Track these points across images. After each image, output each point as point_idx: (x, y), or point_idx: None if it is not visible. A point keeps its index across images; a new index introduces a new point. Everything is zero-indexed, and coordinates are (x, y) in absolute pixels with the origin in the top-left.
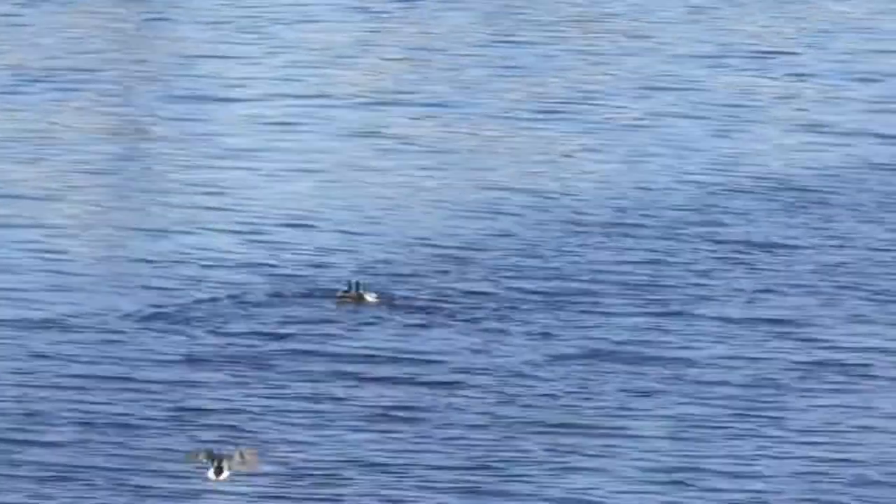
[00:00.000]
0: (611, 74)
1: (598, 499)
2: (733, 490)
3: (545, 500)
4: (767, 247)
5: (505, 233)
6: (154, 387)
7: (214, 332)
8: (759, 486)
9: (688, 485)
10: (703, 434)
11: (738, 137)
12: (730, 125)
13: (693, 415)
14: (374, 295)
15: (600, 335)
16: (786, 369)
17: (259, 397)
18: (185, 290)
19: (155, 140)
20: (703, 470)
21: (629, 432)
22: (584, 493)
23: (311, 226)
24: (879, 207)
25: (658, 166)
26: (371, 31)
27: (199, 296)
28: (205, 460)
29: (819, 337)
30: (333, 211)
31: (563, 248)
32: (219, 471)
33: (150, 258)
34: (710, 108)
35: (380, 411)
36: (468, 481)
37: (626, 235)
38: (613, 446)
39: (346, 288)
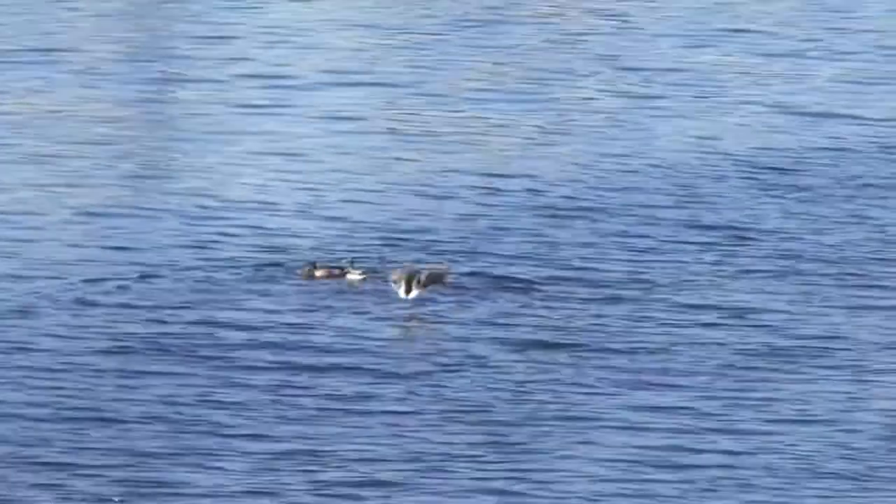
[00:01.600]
0: (577, 55)
1: (549, 489)
2: (693, 479)
3: (491, 491)
4: (735, 230)
5: (469, 215)
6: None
7: (166, 317)
8: (720, 473)
9: (646, 475)
10: (668, 422)
11: (705, 118)
12: (697, 106)
13: (658, 403)
14: (359, 272)
15: (560, 322)
16: (753, 355)
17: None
18: (147, 272)
19: (122, 122)
20: (665, 459)
21: (588, 422)
22: (539, 485)
23: (274, 207)
24: (848, 190)
25: (624, 149)
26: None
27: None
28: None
29: (782, 323)
30: (294, 193)
31: (526, 232)
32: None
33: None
34: (677, 88)
35: (333, 401)
36: (409, 472)
37: (588, 219)
38: (573, 435)
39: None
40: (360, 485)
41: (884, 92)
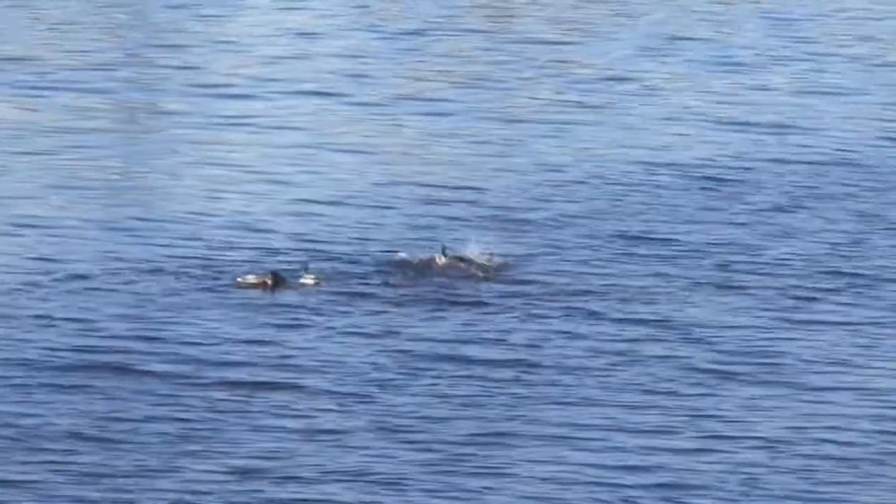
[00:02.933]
0: (525, 62)
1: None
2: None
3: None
4: (677, 243)
5: (412, 226)
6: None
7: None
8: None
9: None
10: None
11: (650, 129)
12: (642, 115)
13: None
14: (312, 277)
15: (501, 336)
16: (693, 370)
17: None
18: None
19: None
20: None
21: (529, 439)
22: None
23: (214, 218)
24: (793, 202)
25: (566, 158)
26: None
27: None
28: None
29: (723, 337)
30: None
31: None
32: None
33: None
34: (623, 97)
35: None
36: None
37: (530, 230)
38: (516, 451)
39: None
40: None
41: (831, 103)
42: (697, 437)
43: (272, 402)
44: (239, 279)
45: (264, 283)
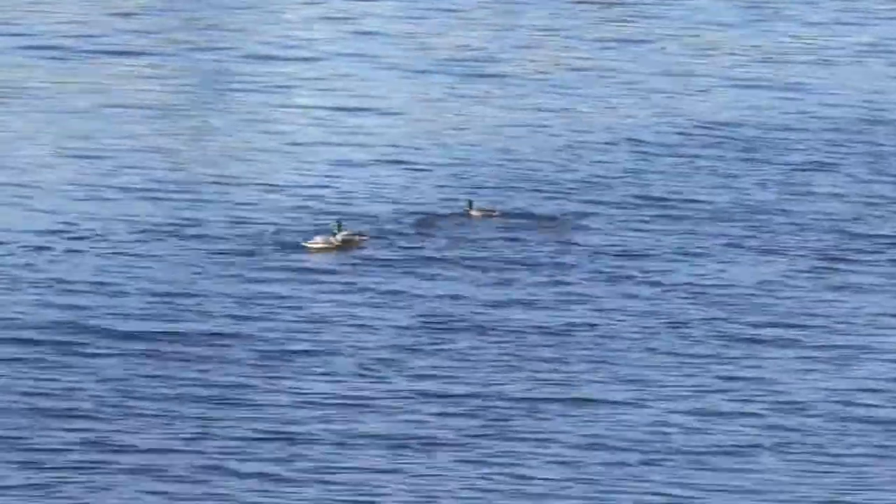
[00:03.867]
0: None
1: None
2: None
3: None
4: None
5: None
6: None
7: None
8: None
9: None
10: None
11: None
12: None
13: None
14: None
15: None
16: (717, 330)
17: None
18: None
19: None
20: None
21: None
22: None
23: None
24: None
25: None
26: None
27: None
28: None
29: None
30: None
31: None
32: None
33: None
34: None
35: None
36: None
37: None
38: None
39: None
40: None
41: (857, 64)
42: (731, 401)
43: (305, 365)
44: (307, 243)
45: (332, 244)
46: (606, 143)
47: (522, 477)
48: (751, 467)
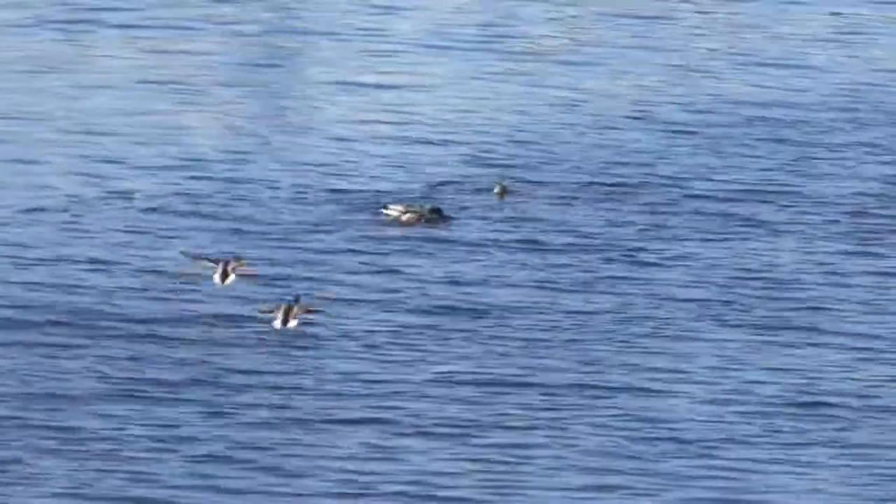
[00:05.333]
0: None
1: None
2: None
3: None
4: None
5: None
6: None
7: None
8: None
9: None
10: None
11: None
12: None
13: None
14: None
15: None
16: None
17: None
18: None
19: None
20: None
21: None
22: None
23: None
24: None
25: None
26: None
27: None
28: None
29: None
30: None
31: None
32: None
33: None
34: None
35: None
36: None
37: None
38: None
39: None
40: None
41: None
42: (731, 390)
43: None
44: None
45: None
46: (626, 121)
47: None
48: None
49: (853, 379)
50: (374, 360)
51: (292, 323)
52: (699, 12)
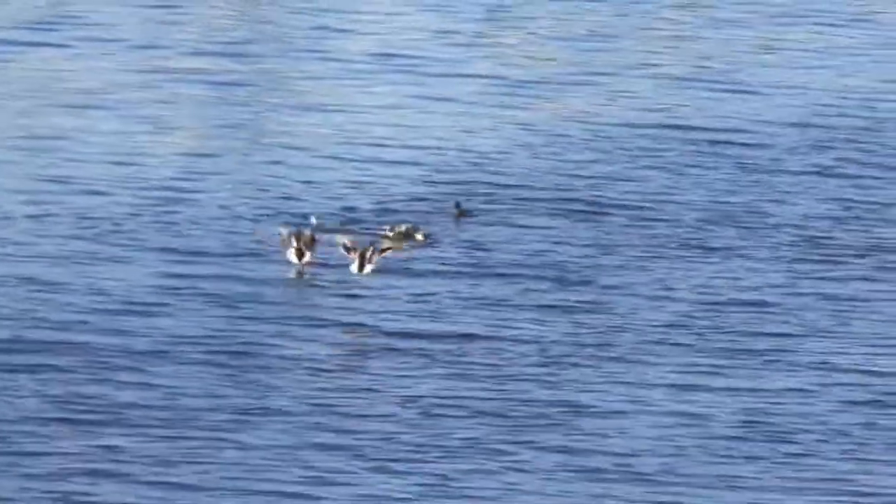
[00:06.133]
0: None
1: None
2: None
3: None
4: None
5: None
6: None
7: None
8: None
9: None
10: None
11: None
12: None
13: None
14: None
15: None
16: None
17: None
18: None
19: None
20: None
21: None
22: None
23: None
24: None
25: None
26: None
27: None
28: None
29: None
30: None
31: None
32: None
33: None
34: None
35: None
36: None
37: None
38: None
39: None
40: None
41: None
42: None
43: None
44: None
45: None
46: (582, 144)
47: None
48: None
49: (810, 404)
50: (328, 385)
51: (368, 268)
52: (652, 32)
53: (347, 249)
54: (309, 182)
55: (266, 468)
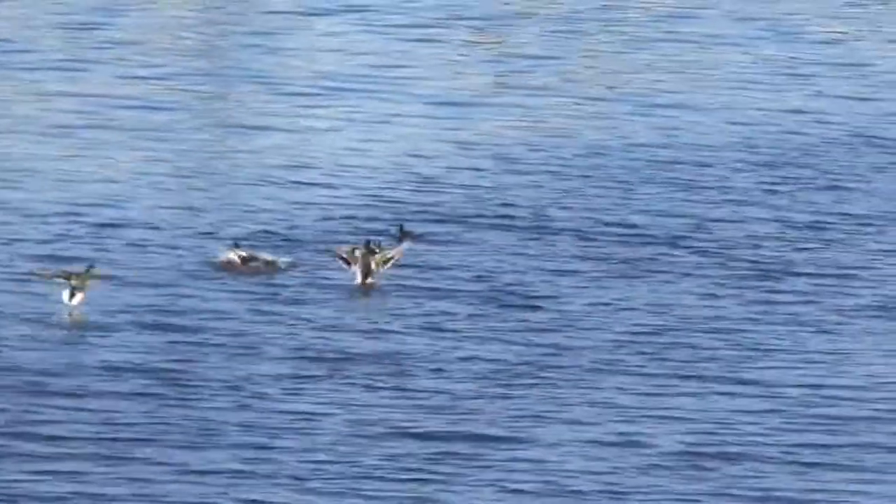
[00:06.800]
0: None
1: None
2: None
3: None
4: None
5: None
6: None
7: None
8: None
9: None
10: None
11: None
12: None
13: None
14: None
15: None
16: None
17: None
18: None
19: None
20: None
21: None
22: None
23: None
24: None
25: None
26: None
27: None
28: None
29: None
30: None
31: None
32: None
33: None
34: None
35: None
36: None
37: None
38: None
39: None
40: None
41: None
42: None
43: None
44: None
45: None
46: (529, 164)
47: None
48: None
49: (757, 423)
50: (270, 409)
51: (371, 280)
52: (598, 53)
53: (345, 261)
54: (246, 205)
55: (207, 495)
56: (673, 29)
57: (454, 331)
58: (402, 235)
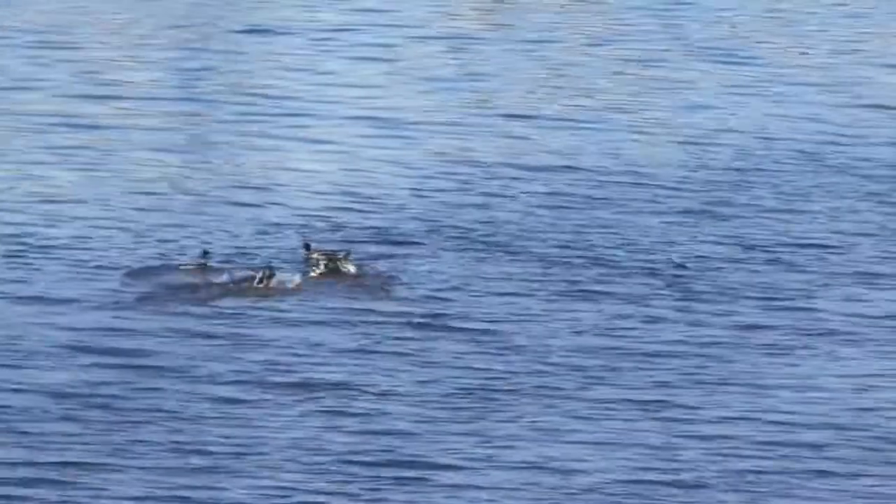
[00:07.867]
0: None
1: None
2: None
3: None
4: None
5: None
6: None
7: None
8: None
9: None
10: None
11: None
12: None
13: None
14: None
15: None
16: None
17: None
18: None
19: None
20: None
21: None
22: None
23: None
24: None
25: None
26: None
27: None
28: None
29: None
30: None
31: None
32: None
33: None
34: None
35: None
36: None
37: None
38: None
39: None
40: None
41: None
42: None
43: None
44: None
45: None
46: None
47: None
48: None
49: (711, 449)
50: (204, 437)
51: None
52: (551, 74)
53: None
54: (186, 226)
55: None
56: (622, 49)
57: (400, 354)
58: (309, 253)
